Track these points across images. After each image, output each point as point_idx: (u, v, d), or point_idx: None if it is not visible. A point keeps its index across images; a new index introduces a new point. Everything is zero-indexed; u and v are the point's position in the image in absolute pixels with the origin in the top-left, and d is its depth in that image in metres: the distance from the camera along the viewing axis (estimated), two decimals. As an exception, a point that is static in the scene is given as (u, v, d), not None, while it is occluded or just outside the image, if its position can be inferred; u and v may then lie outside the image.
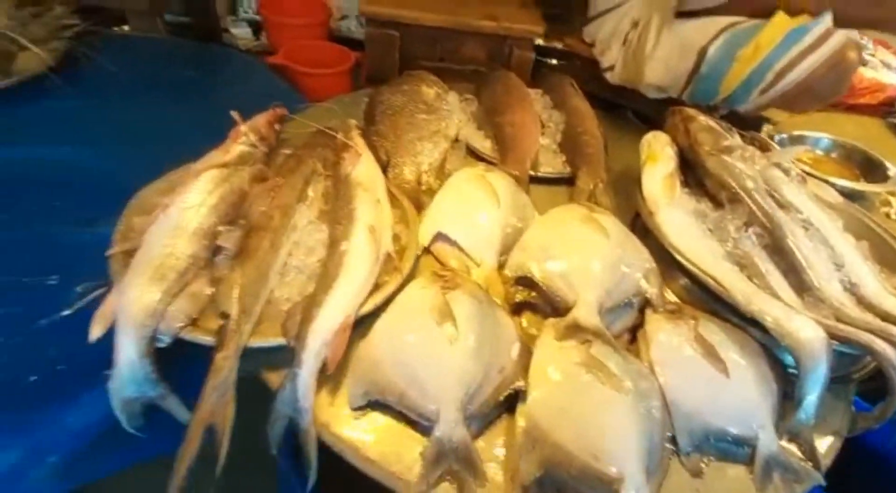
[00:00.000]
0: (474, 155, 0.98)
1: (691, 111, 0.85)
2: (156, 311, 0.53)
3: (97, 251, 0.69)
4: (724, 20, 0.87)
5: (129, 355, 0.51)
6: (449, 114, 1.00)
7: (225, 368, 0.50)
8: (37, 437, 0.53)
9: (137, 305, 0.52)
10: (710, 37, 0.86)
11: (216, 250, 0.62)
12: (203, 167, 0.67)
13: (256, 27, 1.69)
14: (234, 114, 0.75)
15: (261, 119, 0.78)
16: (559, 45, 1.34)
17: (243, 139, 0.72)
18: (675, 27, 0.95)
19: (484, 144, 0.99)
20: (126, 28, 1.28)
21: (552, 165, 0.97)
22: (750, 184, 0.75)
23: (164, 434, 0.54)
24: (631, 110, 1.30)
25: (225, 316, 0.54)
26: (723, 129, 0.83)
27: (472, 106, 1.08)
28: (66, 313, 0.61)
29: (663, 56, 0.97)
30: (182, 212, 0.61)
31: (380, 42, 1.22)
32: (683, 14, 0.93)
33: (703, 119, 0.83)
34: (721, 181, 0.78)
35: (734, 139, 0.83)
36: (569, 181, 0.95)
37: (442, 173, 0.90)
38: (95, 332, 0.51)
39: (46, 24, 1.01)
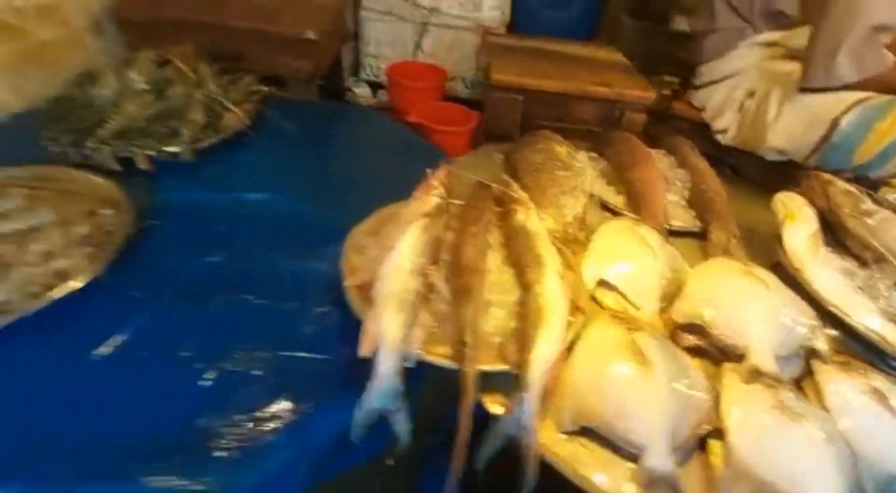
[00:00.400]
0: (608, 209, 1.08)
1: (827, 176, 0.92)
2: (404, 336, 0.64)
3: (319, 282, 0.83)
4: (853, 95, 0.96)
5: (387, 371, 0.61)
6: (582, 170, 1.11)
7: (472, 389, 0.60)
8: (306, 437, 0.63)
9: (392, 331, 0.63)
10: (842, 110, 0.94)
11: (429, 287, 0.73)
12: (410, 217, 0.79)
13: (374, 87, 1.92)
14: (430, 171, 0.88)
15: (440, 173, 0.92)
16: (667, 108, 1.46)
17: (436, 192, 0.85)
18: (798, 100, 1.04)
19: (616, 199, 1.09)
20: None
21: (682, 219, 1.06)
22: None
23: (376, 441, 0.65)
24: (729, 167, 1.39)
25: (463, 344, 0.63)
26: (860, 192, 0.90)
27: (600, 163, 1.19)
28: (311, 331, 0.74)
29: (786, 125, 1.06)
30: (402, 255, 0.73)
31: (504, 105, 1.37)
32: (807, 90, 1.02)
33: (840, 184, 0.90)
34: (865, 242, 0.84)
35: (871, 203, 0.90)
36: (698, 235, 1.03)
37: (584, 225, 1.00)
38: (365, 351, 0.62)
39: (240, 89, 1.22)
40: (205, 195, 1.00)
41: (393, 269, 0.72)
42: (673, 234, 1.04)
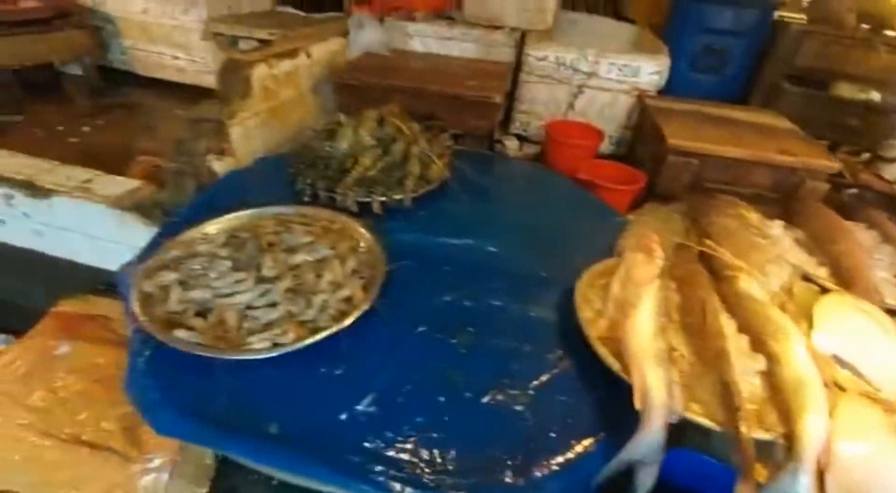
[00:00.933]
0: (810, 280, 1.07)
1: None
2: (669, 393, 0.69)
3: (548, 326, 0.91)
4: None
5: (655, 425, 0.67)
6: (779, 239, 1.12)
7: (753, 455, 0.63)
8: (570, 475, 0.69)
9: (658, 387, 0.69)
10: None
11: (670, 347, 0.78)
12: (644, 278, 0.86)
13: (521, 140, 2.07)
14: (650, 237, 0.95)
15: (652, 239, 0.98)
16: (849, 178, 1.42)
17: (658, 255, 0.92)
18: None
19: (818, 272, 1.07)
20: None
21: (893, 297, 1.02)
22: None
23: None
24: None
25: (734, 408, 0.67)
26: None
27: (794, 232, 1.18)
28: (554, 372, 0.81)
29: None
30: (649, 316, 0.79)
31: (678, 168, 1.42)
32: None
33: None
34: None
35: None
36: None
37: (791, 296, 1.00)
38: (638, 404, 0.68)
39: (439, 144, 1.40)
40: (421, 237, 1.15)
41: (644, 328, 0.78)
42: (888, 312, 1.00)
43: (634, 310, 0.81)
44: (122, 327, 1.64)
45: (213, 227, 1.03)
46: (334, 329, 0.80)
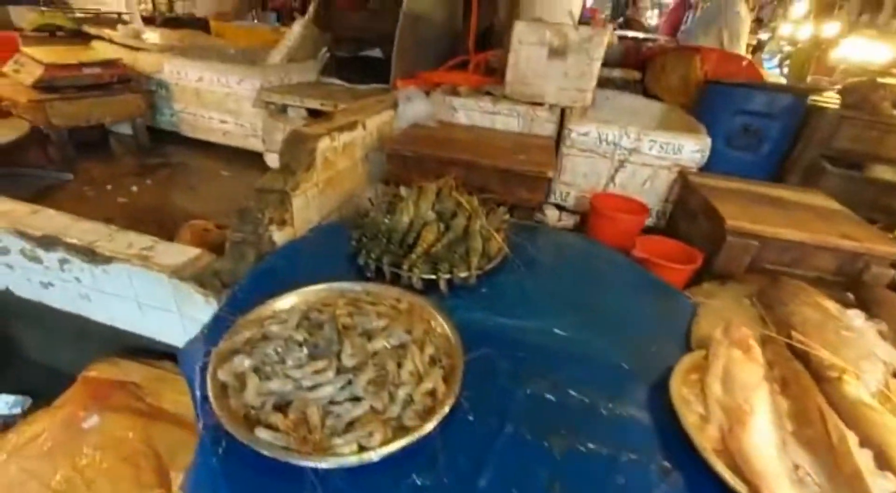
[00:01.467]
0: (904, 377, 1.01)
1: None
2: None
3: (643, 428, 0.84)
4: None
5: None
6: (865, 331, 1.07)
7: None
8: None
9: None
10: None
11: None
12: (751, 380, 0.81)
13: (560, 209, 2.08)
14: (741, 331, 0.91)
15: (744, 332, 0.93)
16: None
17: (756, 353, 0.87)
18: None
19: (913, 368, 1.02)
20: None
21: None
22: None
23: None
24: None
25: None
26: None
27: (877, 324, 1.14)
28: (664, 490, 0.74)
29: None
30: (769, 428, 0.73)
31: (738, 249, 1.41)
32: None
33: None
34: None
35: None
36: None
37: (891, 396, 0.93)
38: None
39: (496, 218, 1.39)
40: (488, 317, 1.11)
41: (766, 442, 0.72)
42: None
43: (750, 418, 0.75)
44: (150, 395, 1.57)
45: (282, 303, 1.00)
46: (424, 432, 0.74)
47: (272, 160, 2.34)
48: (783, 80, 3.66)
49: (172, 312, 1.23)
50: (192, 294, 1.18)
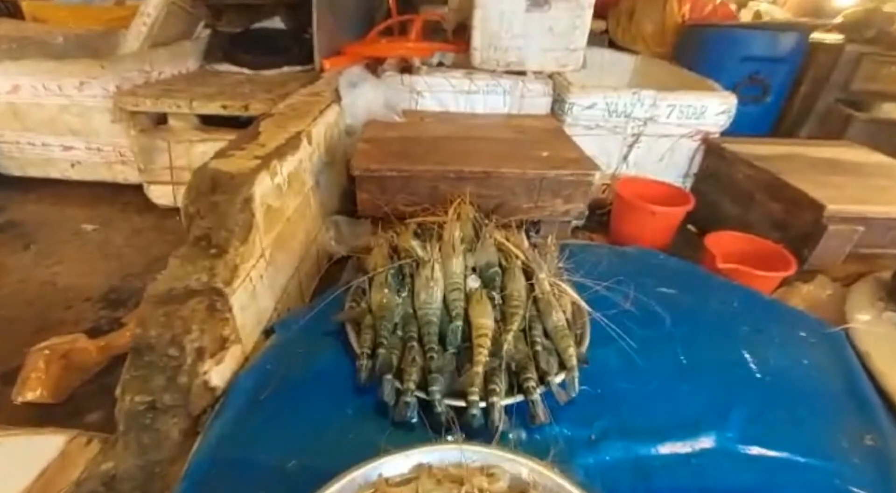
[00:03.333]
0: None
1: None
2: None
3: None
4: None
5: None
6: None
7: None
8: None
9: None
10: None
11: None
12: None
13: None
14: None
15: None
16: None
17: None
18: None
19: None
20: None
21: None
22: None
23: None
24: None
25: None
26: None
27: None
28: None
29: None
30: None
31: (841, 237, 1.10)
32: None
33: None
34: None
35: None
36: None
37: None
38: None
39: (552, 262, 0.94)
40: (612, 445, 0.68)
41: None
42: None
43: None
44: None
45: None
46: None
47: (159, 194, 1.62)
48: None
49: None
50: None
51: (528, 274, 0.85)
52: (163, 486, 0.62)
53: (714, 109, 1.54)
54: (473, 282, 0.81)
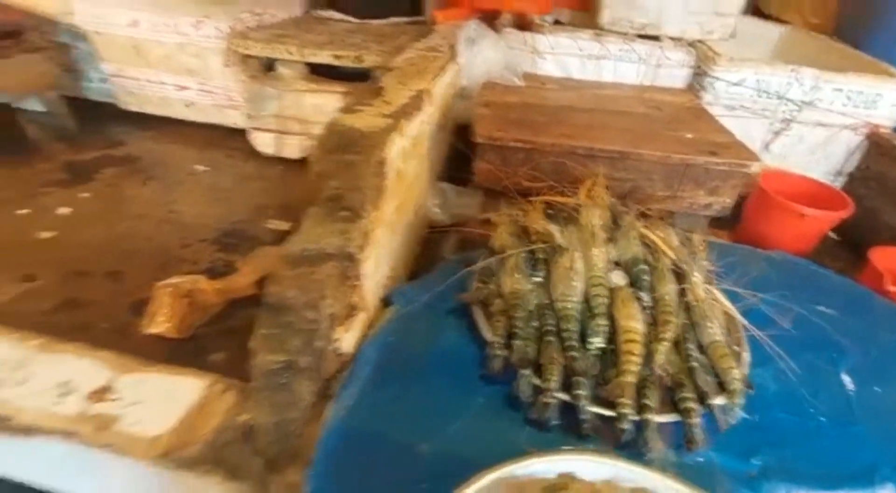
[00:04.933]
0: None
1: None
2: None
3: None
4: None
5: None
6: None
7: None
8: None
9: None
10: None
11: None
12: None
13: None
14: None
15: None
16: None
17: None
18: None
19: None
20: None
21: None
22: None
23: None
24: None
25: None
26: None
27: None
28: None
29: None
30: None
31: None
32: None
33: None
34: None
35: None
36: None
37: None
38: None
39: (701, 267, 0.83)
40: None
41: None
42: None
43: None
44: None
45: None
46: None
47: (263, 142, 1.64)
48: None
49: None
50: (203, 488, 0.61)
51: (677, 276, 0.75)
52: (297, 445, 0.62)
53: (891, 98, 1.28)
54: (620, 279, 0.73)
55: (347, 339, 0.71)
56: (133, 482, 0.59)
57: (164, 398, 0.65)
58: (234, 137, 1.70)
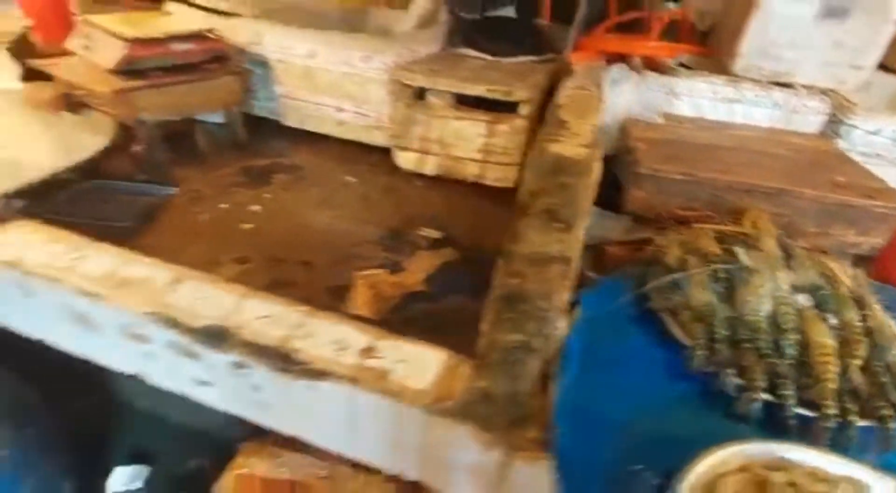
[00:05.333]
0: None
1: None
2: None
3: None
4: None
5: None
6: None
7: None
8: None
9: None
10: None
11: None
12: None
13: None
14: None
15: None
16: None
17: None
18: None
19: None
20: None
21: None
22: None
23: None
24: None
25: None
26: None
27: None
28: None
29: None
30: None
31: None
32: None
33: None
34: None
35: None
36: None
37: None
38: None
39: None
40: None
41: None
42: None
43: None
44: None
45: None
46: None
47: (406, 160, 1.85)
48: None
49: (411, 451, 0.81)
50: (459, 439, 0.75)
51: (856, 302, 0.83)
52: (524, 412, 0.75)
53: None
54: (805, 301, 0.82)
55: (562, 329, 0.84)
56: (406, 423, 0.75)
57: (418, 361, 0.80)
58: (373, 154, 1.92)
